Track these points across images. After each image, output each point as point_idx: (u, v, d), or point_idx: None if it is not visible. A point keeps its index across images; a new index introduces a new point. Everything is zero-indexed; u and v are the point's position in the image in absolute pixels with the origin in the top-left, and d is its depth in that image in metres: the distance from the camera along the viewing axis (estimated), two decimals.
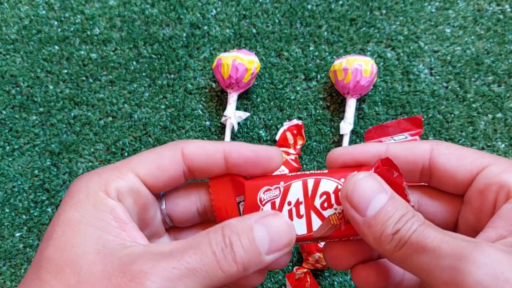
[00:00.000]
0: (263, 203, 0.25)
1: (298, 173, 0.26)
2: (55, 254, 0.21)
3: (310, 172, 0.25)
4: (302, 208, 0.25)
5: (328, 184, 0.25)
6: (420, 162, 0.25)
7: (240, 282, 0.25)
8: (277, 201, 0.25)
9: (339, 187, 0.25)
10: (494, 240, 0.22)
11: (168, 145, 0.26)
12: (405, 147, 0.25)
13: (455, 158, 0.24)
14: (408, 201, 0.24)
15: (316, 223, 0.25)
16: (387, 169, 0.24)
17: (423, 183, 0.27)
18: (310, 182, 0.25)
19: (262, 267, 0.23)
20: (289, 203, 0.25)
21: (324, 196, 0.25)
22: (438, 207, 0.26)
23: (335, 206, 0.25)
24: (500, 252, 0.20)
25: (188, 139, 0.26)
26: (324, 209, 0.25)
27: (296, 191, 0.25)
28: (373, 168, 0.25)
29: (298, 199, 0.25)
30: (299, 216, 0.25)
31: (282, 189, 0.25)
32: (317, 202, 0.25)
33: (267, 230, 0.23)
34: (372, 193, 0.23)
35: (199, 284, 0.21)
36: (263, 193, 0.25)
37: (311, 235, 0.25)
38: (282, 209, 0.25)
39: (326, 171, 0.25)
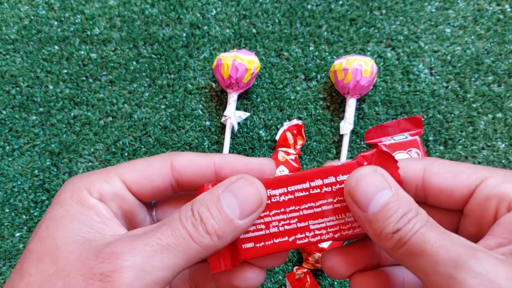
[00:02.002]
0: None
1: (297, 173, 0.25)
2: (37, 246, 0.22)
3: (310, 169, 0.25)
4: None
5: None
6: (414, 182, 0.25)
7: (238, 283, 0.25)
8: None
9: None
10: (493, 248, 0.21)
11: (159, 156, 0.26)
12: (399, 164, 0.25)
13: (450, 176, 0.24)
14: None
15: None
16: (384, 159, 0.24)
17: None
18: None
19: (238, 233, 0.23)
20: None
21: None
22: (437, 216, 0.26)
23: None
24: (497, 262, 0.20)
25: (180, 152, 0.26)
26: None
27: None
28: (372, 158, 0.25)
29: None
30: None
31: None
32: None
33: (235, 196, 0.23)
34: (375, 189, 0.22)
35: (176, 259, 0.21)
36: None
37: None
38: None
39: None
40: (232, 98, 0.46)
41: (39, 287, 0.21)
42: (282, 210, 0.24)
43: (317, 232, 0.24)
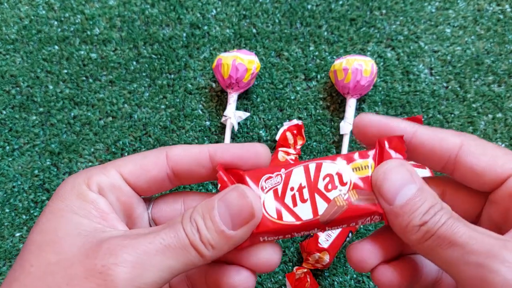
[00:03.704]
0: (265, 191, 0.25)
1: (300, 160, 0.25)
2: (38, 237, 0.23)
3: (312, 158, 0.25)
4: (305, 192, 0.24)
5: (330, 167, 0.24)
6: (446, 156, 0.25)
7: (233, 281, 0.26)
8: (279, 187, 0.25)
9: (341, 168, 0.24)
10: None
11: (155, 149, 0.26)
12: (434, 136, 0.25)
13: (485, 159, 0.24)
14: None
15: (322, 205, 0.24)
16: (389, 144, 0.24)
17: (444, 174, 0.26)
18: (312, 166, 0.25)
19: (233, 243, 0.23)
20: (292, 189, 0.24)
21: (328, 178, 0.24)
22: (461, 198, 0.26)
23: (339, 187, 0.24)
24: None
25: (175, 145, 0.26)
26: (328, 191, 0.24)
27: (298, 176, 0.25)
28: (374, 150, 0.25)
29: (301, 184, 0.24)
30: (303, 200, 0.24)
31: (283, 176, 0.25)
32: (321, 185, 0.24)
33: (227, 206, 0.23)
34: (401, 183, 0.23)
35: (174, 262, 0.21)
36: (265, 181, 0.25)
37: (318, 219, 0.24)
38: (285, 195, 0.25)
39: (327, 157, 0.25)
40: (232, 98, 0.46)
41: (40, 277, 0.21)
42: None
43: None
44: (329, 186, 0.24)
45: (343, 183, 0.24)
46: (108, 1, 0.51)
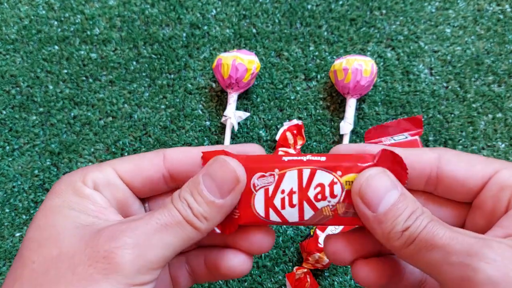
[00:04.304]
0: (256, 188, 0.25)
1: (295, 158, 0.25)
2: (36, 234, 0.23)
3: (307, 159, 0.25)
4: (295, 198, 0.25)
5: (323, 176, 0.25)
6: (427, 170, 0.25)
7: (225, 271, 0.26)
8: (271, 188, 0.25)
9: (335, 180, 0.24)
10: (502, 238, 0.22)
11: (153, 151, 0.27)
12: (411, 153, 0.25)
13: (464, 165, 0.24)
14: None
15: (309, 213, 0.25)
16: (390, 161, 0.24)
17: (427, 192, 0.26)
18: (306, 172, 0.25)
19: (225, 211, 0.24)
20: (283, 191, 0.25)
21: (319, 188, 0.25)
22: (444, 213, 0.26)
23: (329, 198, 0.24)
24: (509, 249, 0.20)
25: (173, 147, 0.27)
26: (318, 200, 0.25)
27: (290, 180, 0.25)
28: (376, 159, 0.25)
29: (292, 189, 0.25)
30: (292, 205, 0.25)
31: (276, 177, 0.25)
32: (311, 193, 0.25)
33: (213, 177, 0.24)
34: (384, 190, 0.23)
35: (173, 238, 0.22)
36: (257, 179, 0.25)
37: (302, 223, 0.25)
38: (275, 197, 0.25)
39: (324, 158, 0.25)
40: (232, 98, 0.46)
41: (44, 272, 0.21)
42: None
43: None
44: (319, 196, 0.25)
45: (333, 195, 0.25)
46: (108, 1, 0.51)
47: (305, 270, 0.43)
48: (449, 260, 0.20)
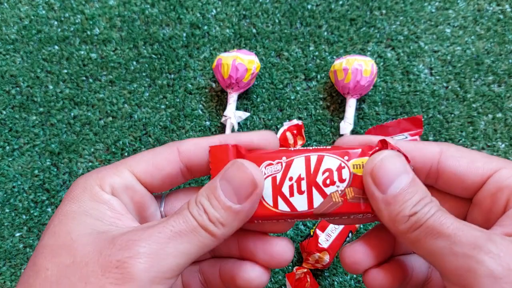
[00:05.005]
0: (264, 177, 0.25)
1: (301, 148, 0.25)
2: (51, 241, 0.22)
3: (313, 148, 0.25)
4: (303, 184, 0.25)
5: (331, 161, 0.25)
6: (429, 163, 0.25)
7: (241, 283, 0.26)
8: (278, 176, 0.25)
9: (342, 164, 0.25)
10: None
11: (165, 145, 0.26)
12: (414, 146, 0.25)
13: (465, 161, 0.24)
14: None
15: (318, 200, 0.25)
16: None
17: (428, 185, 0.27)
18: (313, 158, 0.25)
19: (242, 218, 0.23)
20: (291, 179, 0.25)
21: (327, 173, 0.25)
22: (444, 207, 0.26)
23: (337, 183, 0.24)
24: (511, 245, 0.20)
25: (183, 140, 0.26)
26: (326, 186, 0.24)
27: (298, 166, 0.25)
28: (376, 148, 0.25)
29: (300, 175, 0.25)
30: (301, 192, 0.25)
31: (284, 164, 0.25)
32: (319, 179, 0.25)
33: (230, 182, 0.23)
34: (397, 172, 0.23)
35: (189, 245, 0.22)
36: (265, 167, 0.25)
37: (312, 211, 0.25)
38: (283, 184, 0.25)
39: (329, 147, 0.25)
40: (232, 98, 0.46)
41: (57, 280, 0.21)
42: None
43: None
44: (328, 181, 0.24)
45: (341, 180, 0.24)
46: (108, 1, 0.51)
47: (305, 270, 0.43)
48: (454, 250, 0.21)
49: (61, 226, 0.23)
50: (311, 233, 0.44)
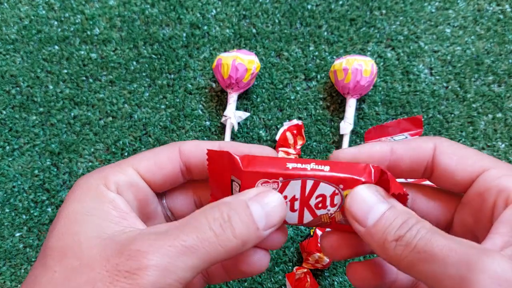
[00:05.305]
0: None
1: (299, 166, 0.26)
2: (58, 242, 0.22)
3: (311, 167, 0.25)
4: (296, 204, 0.26)
5: (326, 188, 0.25)
6: (424, 161, 0.25)
7: (245, 268, 0.26)
8: None
9: (336, 191, 0.25)
10: (501, 247, 0.22)
11: (167, 145, 0.27)
12: (409, 147, 0.26)
13: (456, 158, 0.25)
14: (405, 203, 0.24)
15: (308, 218, 0.26)
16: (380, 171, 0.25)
17: (424, 179, 0.27)
18: (309, 183, 0.25)
19: (258, 241, 0.24)
20: (285, 197, 0.26)
21: (320, 198, 0.25)
22: (432, 205, 0.26)
23: (328, 207, 0.25)
24: (508, 261, 0.20)
25: (186, 140, 0.27)
26: (318, 208, 0.26)
27: (294, 189, 0.25)
28: (372, 174, 0.25)
29: (294, 196, 0.26)
30: (293, 210, 0.26)
31: (280, 184, 0.25)
32: (312, 202, 0.25)
33: (263, 207, 0.23)
34: (370, 203, 0.23)
35: (198, 261, 0.22)
36: (261, 184, 0.26)
37: (300, 224, 0.26)
38: None
39: (328, 168, 0.25)
40: (232, 98, 0.46)
41: (63, 282, 0.21)
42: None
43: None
44: (319, 205, 0.26)
45: (333, 205, 0.25)
46: (108, 1, 0.51)
47: (305, 270, 0.43)
48: (448, 272, 0.20)
49: (68, 227, 0.23)
50: (311, 233, 0.44)
